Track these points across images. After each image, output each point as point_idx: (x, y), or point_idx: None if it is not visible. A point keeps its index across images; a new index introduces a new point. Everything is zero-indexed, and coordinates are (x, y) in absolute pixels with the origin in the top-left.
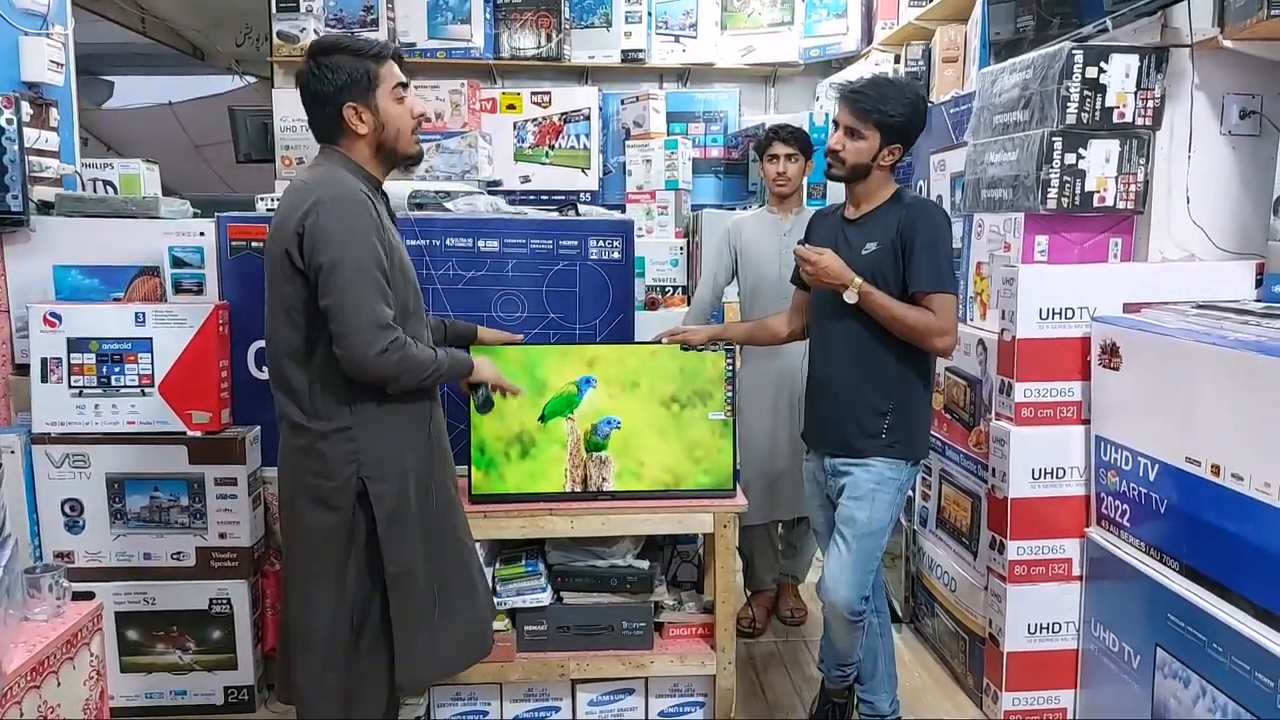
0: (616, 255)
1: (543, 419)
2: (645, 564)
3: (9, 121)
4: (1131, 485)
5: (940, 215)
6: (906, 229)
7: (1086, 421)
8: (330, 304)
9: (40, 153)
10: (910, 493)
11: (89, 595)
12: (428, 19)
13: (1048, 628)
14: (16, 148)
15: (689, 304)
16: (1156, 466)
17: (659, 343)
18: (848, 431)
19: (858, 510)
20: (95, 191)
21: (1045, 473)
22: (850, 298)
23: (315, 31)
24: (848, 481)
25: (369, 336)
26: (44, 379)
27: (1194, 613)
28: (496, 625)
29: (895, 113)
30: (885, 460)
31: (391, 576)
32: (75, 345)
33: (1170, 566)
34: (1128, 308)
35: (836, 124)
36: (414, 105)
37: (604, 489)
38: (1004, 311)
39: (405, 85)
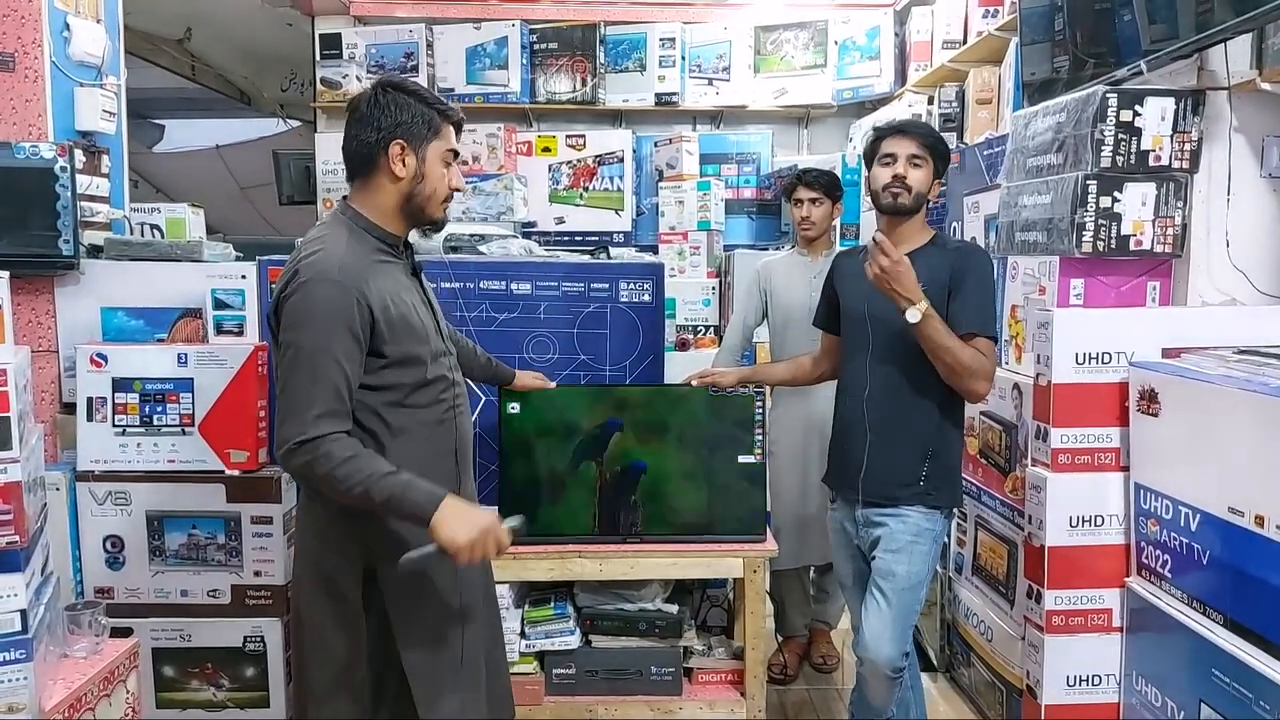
0: (647, 298)
1: (574, 465)
2: (674, 608)
3: (63, 169)
4: (1172, 535)
5: (989, 260)
6: (958, 271)
7: (1125, 468)
8: (281, 382)
9: (91, 198)
10: (945, 539)
11: (127, 632)
12: (466, 65)
13: (1087, 680)
14: (70, 194)
15: (720, 344)
16: (1198, 516)
17: (689, 385)
18: (884, 480)
19: (896, 564)
20: (142, 235)
21: (1083, 520)
22: (914, 316)
23: (358, 78)
24: (883, 534)
25: (284, 432)
26: (89, 418)
27: (1240, 668)
28: (525, 668)
29: (945, 146)
30: (921, 510)
31: (411, 667)
32: (120, 385)
33: (1214, 619)
34: (1167, 353)
35: (892, 157)
36: (455, 177)
37: (633, 532)
38: (1039, 355)
39: (456, 154)
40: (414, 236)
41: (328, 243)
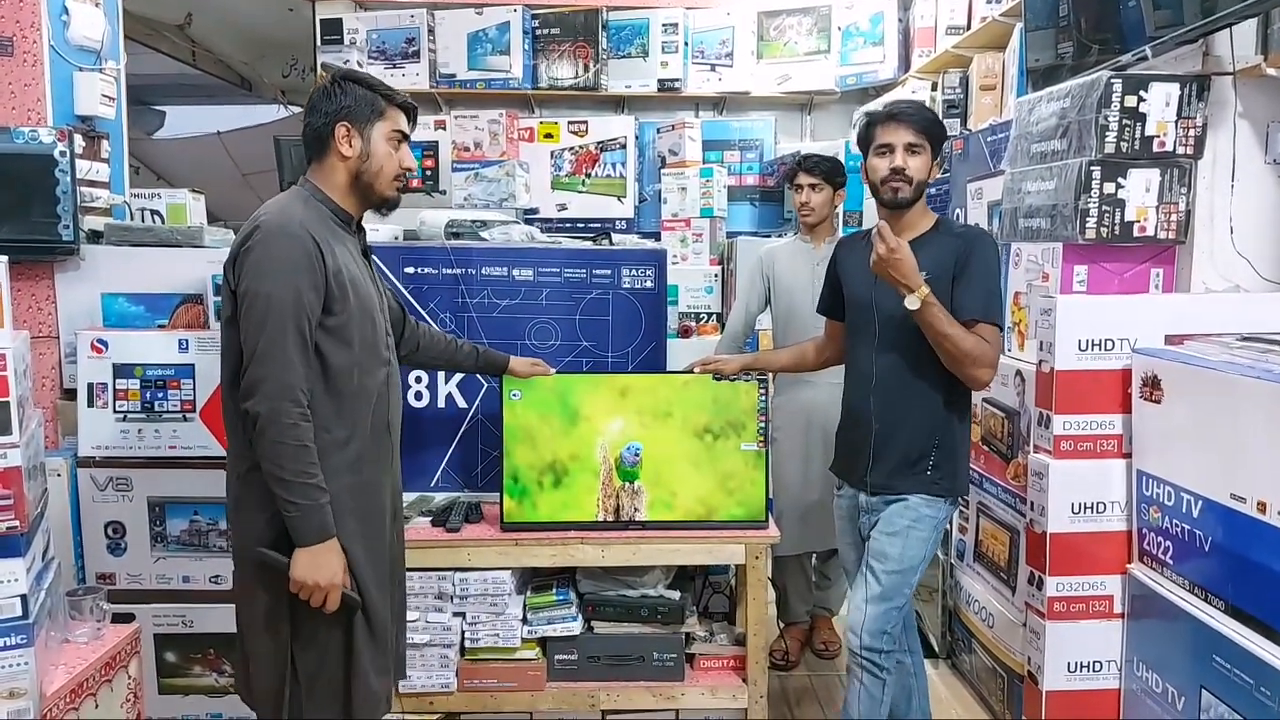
0: (649, 284)
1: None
2: (676, 594)
3: (62, 154)
4: (1174, 521)
5: (994, 245)
6: (963, 257)
7: (1127, 455)
8: (246, 333)
9: (91, 183)
10: (947, 526)
11: (129, 618)
12: (468, 50)
13: (1088, 666)
14: (69, 179)
15: (722, 331)
16: (1200, 502)
17: (690, 372)
18: (890, 469)
19: (890, 546)
20: (143, 221)
21: (1085, 507)
22: (913, 303)
23: (359, 63)
24: (882, 516)
25: (261, 373)
26: (90, 404)
27: (1240, 654)
28: (527, 654)
29: (938, 122)
30: (924, 497)
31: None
32: (121, 371)
33: (1215, 606)
34: (1170, 339)
35: (889, 147)
36: (405, 158)
37: (636, 519)
38: (1042, 342)
39: (406, 138)
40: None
41: (286, 205)
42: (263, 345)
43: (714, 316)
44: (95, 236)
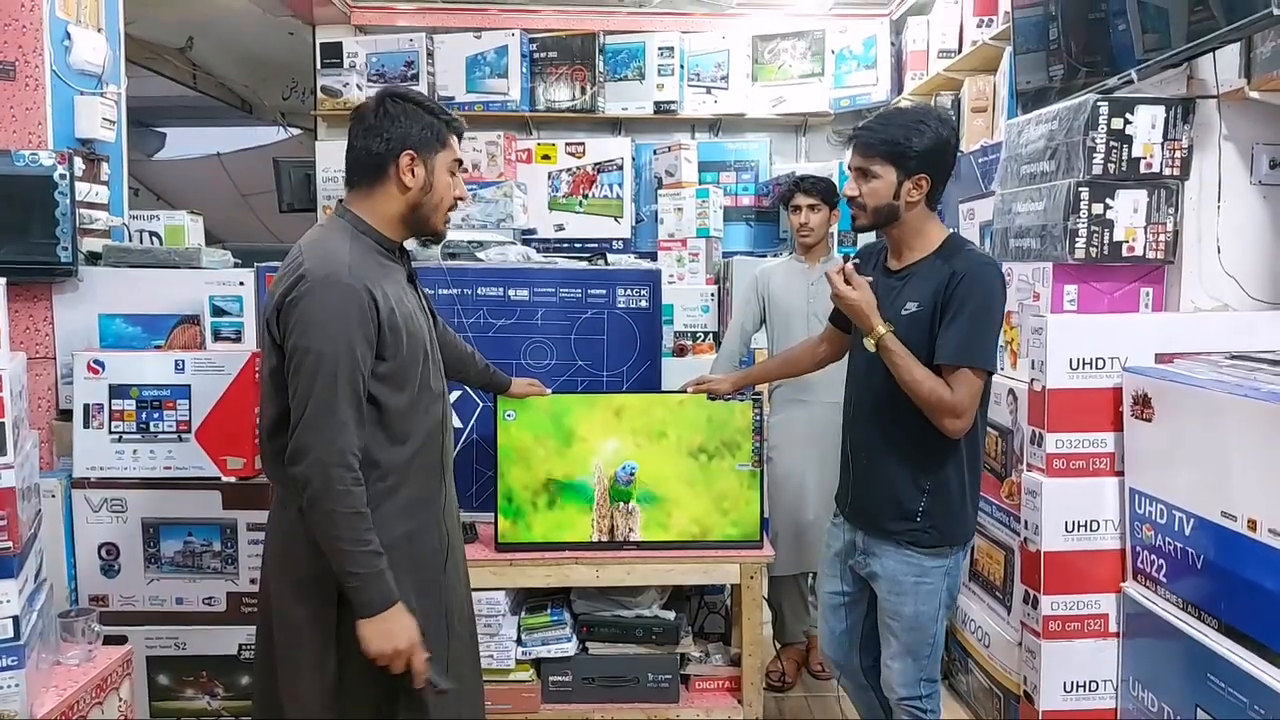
0: (644, 304)
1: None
2: (671, 615)
3: (62, 177)
4: (1167, 540)
5: (993, 282)
6: (951, 293)
7: (1120, 473)
8: (295, 391)
9: (91, 205)
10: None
11: (122, 639)
12: (466, 73)
13: (1084, 686)
14: (68, 202)
15: (718, 351)
16: (1191, 520)
17: (684, 391)
18: (880, 510)
19: (902, 605)
20: (141, 242)
21: (1078, 526)
22: (869, 345)
23: (358, 86)
24: (884, 572)
25: (308, 440)
26: (86, 424)
27: (1234, 673)
28: (521, 675)
29: (904, 139)
30: (923, 552)
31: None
32: (117, 392)
33: (1209, 624)
34: (1160, 358)
35: (850, 171)
36: (459, 187)
37: (630, 539)
38: (1034, 361)
39: (461, 164)
40: (411, 244)
41: (331, 244)
42: (312, 408)
43: (710, 335)
44: (94, 258)
